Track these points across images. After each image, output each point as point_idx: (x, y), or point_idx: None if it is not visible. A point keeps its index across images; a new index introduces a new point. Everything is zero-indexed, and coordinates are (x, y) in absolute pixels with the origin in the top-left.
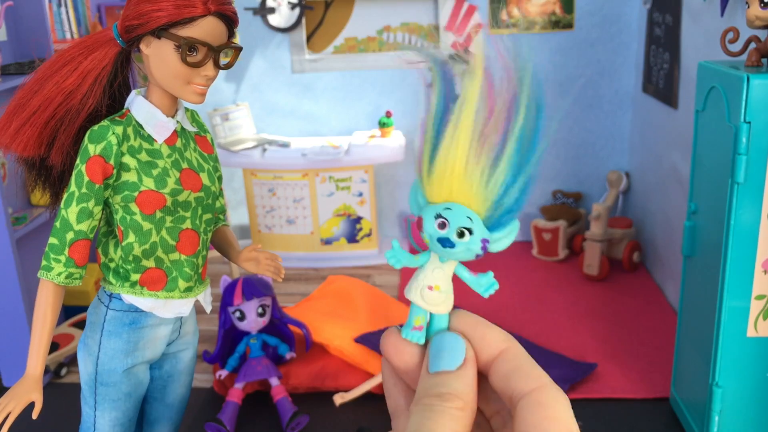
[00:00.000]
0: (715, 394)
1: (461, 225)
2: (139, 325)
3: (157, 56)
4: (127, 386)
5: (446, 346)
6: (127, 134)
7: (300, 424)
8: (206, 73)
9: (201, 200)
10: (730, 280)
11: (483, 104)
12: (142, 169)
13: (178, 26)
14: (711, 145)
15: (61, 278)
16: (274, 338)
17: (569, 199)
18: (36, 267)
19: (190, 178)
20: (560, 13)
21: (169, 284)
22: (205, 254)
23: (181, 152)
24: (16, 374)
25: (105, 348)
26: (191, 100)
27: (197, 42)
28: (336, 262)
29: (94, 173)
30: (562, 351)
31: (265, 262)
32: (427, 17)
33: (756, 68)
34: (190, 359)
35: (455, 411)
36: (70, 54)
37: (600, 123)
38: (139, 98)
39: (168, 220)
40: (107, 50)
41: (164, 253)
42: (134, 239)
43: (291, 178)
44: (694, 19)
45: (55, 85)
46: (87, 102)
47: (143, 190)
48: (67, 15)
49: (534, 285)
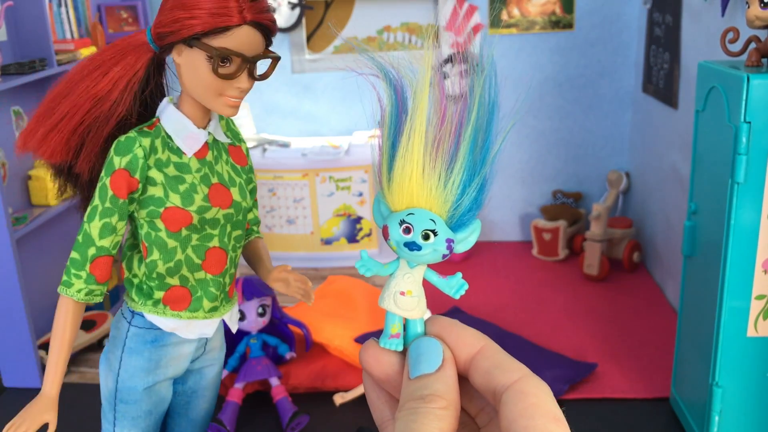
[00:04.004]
0: (715, 394)
1: (425, 227)
2: (161, 343)
3: (189, 66)
4: (147, 404)
5: (424, 350)
6: (154, 146)
7: (300, 424)
8: (239, 85)
9: (230, 217)
10: (730, 280)
11: (434, 110)
12: (168, 184)
13: (211, 35)
14: (711, 145)
15: (81, 295)
16: (274, 338)
17: (569, 199)
18: (36, 267)
19: (219, 193)
20: (560, 13)
21: (193, 304)
22: (233, 272)
23: (211, 166)
24: (16, 374)
25: (126, 365)
26: (223, 113)
27: (231, 53)
28: (336, 262)
29: (119, 187)
30: (562, 351)
31: (295, 284)
32: (427, 17)
33: (756, 68)
34: (215, 375)
35: (439, 411)
36: (100, 58)
37: (600, 123)
38: (171, 107)
39: (194, 238)
40: (139, 55)
41: (189, 272)
42: (158, 256)
43: (291, 178)
44: (694, 19)
45: (85, 90)
46: (116, 109)
47: (169, 206)
48: (67, 15)
49: (534, 285)
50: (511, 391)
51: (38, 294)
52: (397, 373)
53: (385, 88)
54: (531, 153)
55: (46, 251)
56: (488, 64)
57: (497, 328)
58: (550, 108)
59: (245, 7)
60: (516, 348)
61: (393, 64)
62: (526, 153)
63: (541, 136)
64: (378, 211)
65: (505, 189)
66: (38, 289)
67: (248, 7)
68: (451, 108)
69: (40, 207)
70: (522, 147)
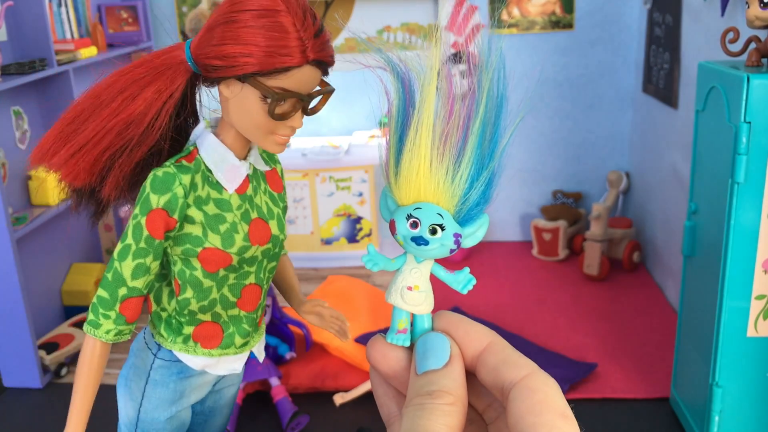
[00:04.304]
0: (715, 394)
1: (432, 222)
2: (187, 375)
3: (239, 102)
4: (169, 431)
5: (431, 345)
6: (194, 183)
7: (300, 424)
8: (293, 124)
9: (268, 252)
10: (730, 280)
11: (442, 104)
12: (208, 224)
13: (267, 75)
14: (711, 145)
15: (110, 336)
16: (275, 338)
17: (569, 199)
18: (36, 267)
19: (258, 230)
20: (560, 13)
21: (225, 341)
22: (264, 304)
23: (251, 200)
24: (16, 374)
25: (149, 397)
26: (273, 150)
27: (289, 95)
28: (336, 262)
29: (156, 228)
30: (562, 351)
31: (330, 320)
32: (427, 17)
33: (756, 68)
34: (233, 395)
35: (446, 407)
36: (132, 76)
37: (600, 123)
38: (210, 137)
39: (231, 277)
40: (176, 75)
41: (223, 309)
42: (192, 295)
43: (291, 178)
44: (694, 19)
45: (114, 111)
46: (149, 134)
47: (208, 247)
48: (67, 15)
49: (534, 285)
50: (519, 387)
51: (38, 294)
52: (404, 368)
53: (393, 81)
54: (531, 153)
55: (46, 251)
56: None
57: (497, 328)
58: (550, 108)
59: (308, 45)
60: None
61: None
62: (526, 153)
63: (541, 136)
64: (385, 205)
65: (505, 189)
66: (38, 289)
67: (311, 46)
68: (459, 102)
69: (40, 207)
70: (522, 147)
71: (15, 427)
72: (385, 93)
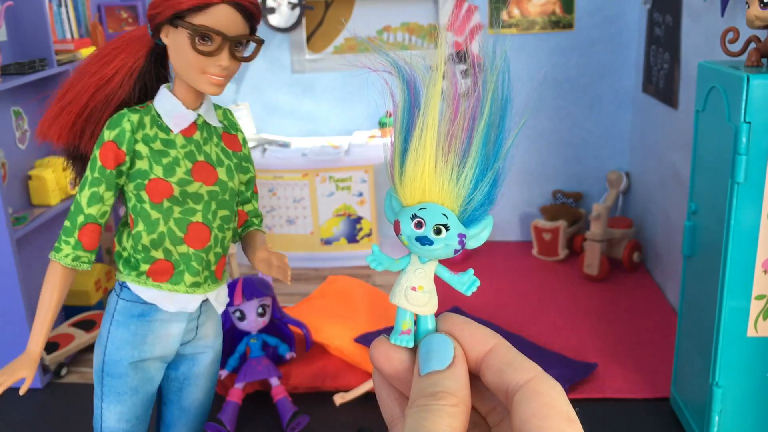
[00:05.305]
0: (715, 394)
1: (437, 222)
2: (148, 318)
3: (174, 45)
4: (133, 380)
5: (434, 347)
6: (143, 122)
7: (300, 424)
8: (220, 63)
9: (215, 194)
10: (730, 280)
11: (447, 105)
12: (153, 157)
13: (192, 14)
14: (711, 145)
15: (68, 260)
16: (274, 338)
17: (569, 199)
18: (36, 267)
19: (203, 170)
20: (560, 13)
21: (174, 277)
22: (220, 252)
23: (198, 144)
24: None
25: (112, 338)
26: (207, 91)
27: (209, 30)
28: (336, 262)
29: (107, 158)
30: (562, 351)
31: (276, 263)
32: (427, 17)
33: (756, 68)
34: (209, 363)
35: (450, 408)
36: (109, 47)
37: (600, 123)
38: (165, 90)
39: (176, 210)
40: (141, 45)
41: (172, 245)
42: (143, 228)
43: (291, 178)
44: (694, 19)
45: (90, 76)
46: (117, 93)
47: (152, 177)
48: (67, 15)
49: (534, 285)
50: (524, 390)
51: (38, 294)
52: (407, 369)
53: (398, 82)
54: (531, 153)
55: (46, 251)
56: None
57: (497, 328)
58: (550, 108)
59: None
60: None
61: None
62: (526, 153)
63: (541, 136)
64: (389, 205)
65: (505, 189)
66: (38, 289)
67: None
68: (464, 103)
69: (40, 207)
70: (522, 147)
71: (15, 427)
72: (391, 95)
